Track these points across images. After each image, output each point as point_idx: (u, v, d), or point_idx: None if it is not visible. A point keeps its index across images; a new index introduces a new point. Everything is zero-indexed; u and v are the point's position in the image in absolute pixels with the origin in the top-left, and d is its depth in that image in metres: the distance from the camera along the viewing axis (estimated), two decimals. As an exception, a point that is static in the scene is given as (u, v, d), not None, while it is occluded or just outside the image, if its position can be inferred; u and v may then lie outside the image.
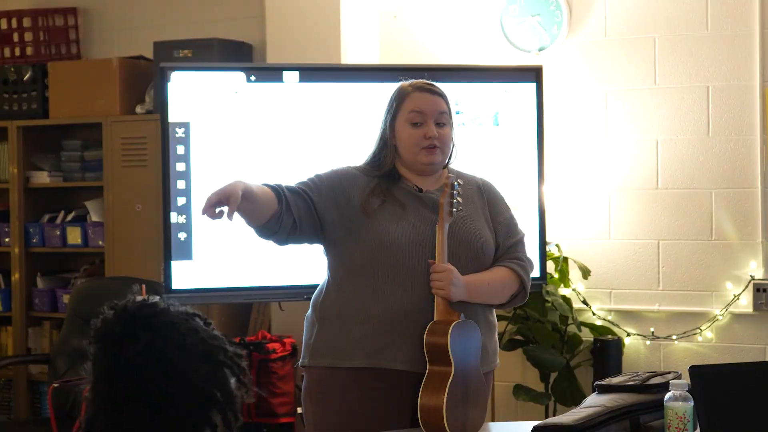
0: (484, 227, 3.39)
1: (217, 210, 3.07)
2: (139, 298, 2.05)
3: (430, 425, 3.12)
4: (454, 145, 3.43)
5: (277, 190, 3.25)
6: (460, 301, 3.23)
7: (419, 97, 3.37)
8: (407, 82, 3.45)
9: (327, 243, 3.36)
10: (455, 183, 3.26)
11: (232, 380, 2.01)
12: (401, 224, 3.27)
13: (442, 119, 3.36)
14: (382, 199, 3.31)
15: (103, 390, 1.95)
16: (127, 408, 1.92)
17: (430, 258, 3.23)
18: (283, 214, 3.23)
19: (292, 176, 3.52)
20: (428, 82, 3.46)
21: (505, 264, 3.38)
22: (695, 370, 2.85)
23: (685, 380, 2.87)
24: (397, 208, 3.30)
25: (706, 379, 2.84)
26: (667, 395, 2.83)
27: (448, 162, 3.45)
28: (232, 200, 3.04)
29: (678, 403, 2.80)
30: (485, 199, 3.46)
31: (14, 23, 6.23)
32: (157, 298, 2.06)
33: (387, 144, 3.39)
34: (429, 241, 3.25)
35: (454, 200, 3.24)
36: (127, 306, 2.02)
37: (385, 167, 3.37)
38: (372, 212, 3.28)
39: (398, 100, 3.39)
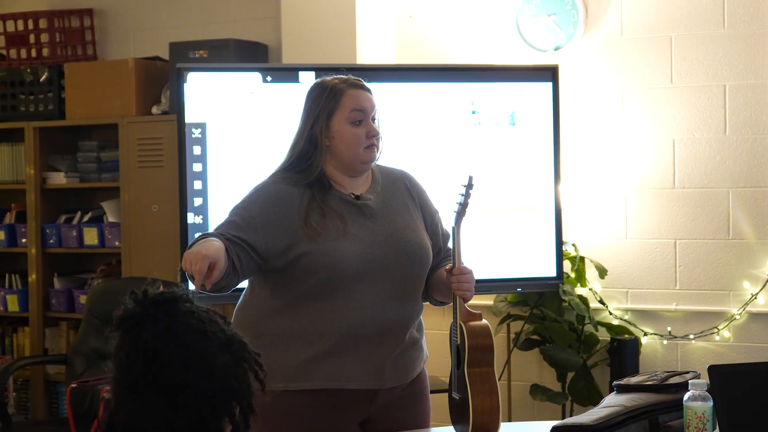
0: (423, 232, 3.31)
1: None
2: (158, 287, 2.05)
3: (485, 426, 3.09)
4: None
5: (224, 245, 3.01)
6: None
7: (358, 95, 3.23)
8: (333, 79, 3.27)
9: (269, 272, 3.19)
10: (470, 177, 3.22)
11: (250, 375, 2.01)
12: (345, 241, 3.13)
13: (375, 115, 3.27)
14: (320, 214, 3.14)
15: (123, 378, 1.95)
16: (146, 396, 1.92)
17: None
18: (231, 273, 3.05)
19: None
20: (356, 78, 3.31)
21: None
22: (714, 370, 2.84)
23: (704, 380, 2.86)
24: (336, 221, 3.14)
25: (726, 379, 2.83)
26: (687, 395, 2.82)
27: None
28: (216, 269, 2.91)
29: (697, 402, 2.79)
30: (414, 198, 3.36)
31: (30, 24, 6.24)
32: (177, 287, 2.06)
33: (317, 146, 3.19)
34: (375, 253, 3.15)
35: (468, 199, 3.21)
36: (147, 291, 2.02)
37: (315, 171, 3.18)
38: (315, 235, 3.11)
39: (333, 99, 3.21)
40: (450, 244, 3.24)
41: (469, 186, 3.21)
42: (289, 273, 3.14)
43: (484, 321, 3.17)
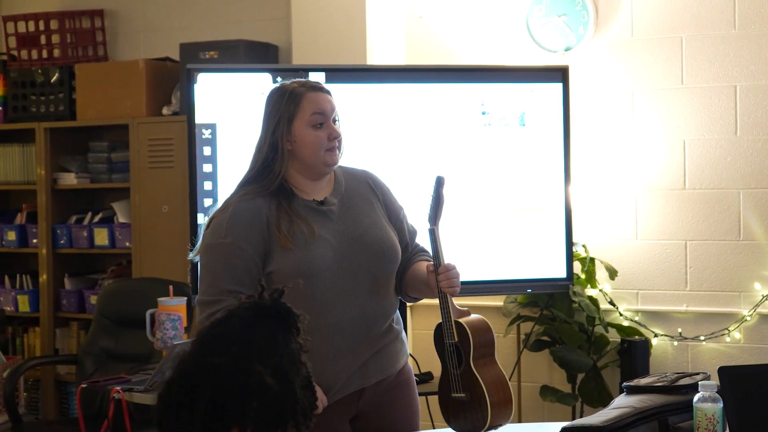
0: (389, 230, 3.32)
1: None
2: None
3: (501, 417, 3.17)
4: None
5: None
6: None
7: (317, 98, 3.21)
8: (292, 83, 3.26)
9: None
10: (438, 177, 3.25)
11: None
12: (314, 247, 3.14)
13: (336, 117, 3.26)
14: (288, 221, 3.14)
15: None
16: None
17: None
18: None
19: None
20: (314, 81, 3.30)
21: (423, 256, 3.42)
22: (725, 371, 2.83)
23: (714, 381, 2.85)
24: (303, 227, 3.14)
25: (736, 380, 2.83)
26: (697, 396, 2.81)
27: None
28: None
29: (707, 404, 2.78)
30: (378, 196, 3.37)
31: (41, 25, 6.26)
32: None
33: (279, 151, 3.20)
34: (345, 254, 3.18)
35: (441, 200, 3.23)
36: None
37: (277, 178, 3.19)
38: (285, 243, 3.11)
39: (293, 103, 3.19)
40: (428, 245, 3.27)
41: (439, 186, 3.22)
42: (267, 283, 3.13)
43: (477, 315, 3.24)
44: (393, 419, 3.33)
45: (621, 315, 5.29)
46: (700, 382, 2.85)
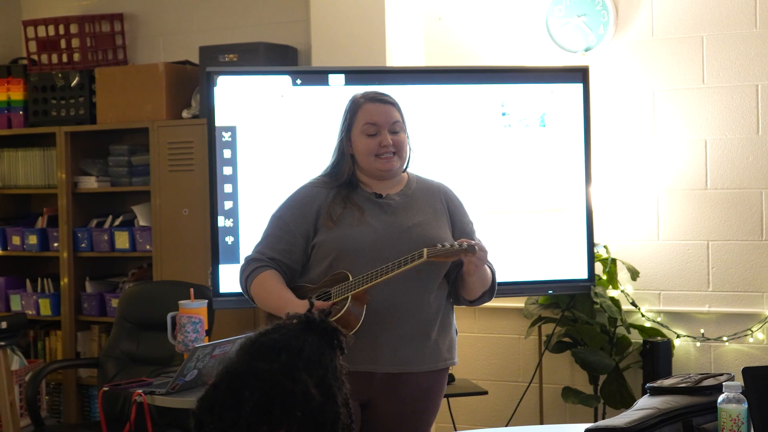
0: (443, 232, 3.51)
1: None
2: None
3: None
4: (411, 150, 3.61)
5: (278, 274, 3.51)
6: (419, 289, 3.43)
7: (372, 109, 3.53)
8: (360, 94, 3.59)
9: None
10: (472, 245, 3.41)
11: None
12: (360, 229, 3.44)
13: (395, 128, 3.54)
14: (342, 206, 3.48)
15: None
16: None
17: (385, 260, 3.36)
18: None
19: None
20: (380, 92, 3.60)
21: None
22: (749, 372, 2.82)
23: (739, 382, 2.83)
24: (356, 212, 3.47)
25: (760, 381, 2.81)
26: (721, 397, 2.80)
27: (406, 167, 3.62)
28: None
29: (732, 404, 2.76)
30: (446, 207, 3.60)
31: (61, 30, 6.28)
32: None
33: (344, 154, 3.55)
34: (387, 243, 3.40)
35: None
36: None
37: (343, 177, 3.54)
38: (333, 223, 3.46)
39: (352, 113, 3.55)
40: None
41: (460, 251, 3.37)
42: (309, 260, 3.52)
43: (361, 314, 3.34)
44: (402, 420, 3.45)
45: (643, 316, 5.27)
46: (724, 383, 2.83)
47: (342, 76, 4.90)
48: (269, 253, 3.52)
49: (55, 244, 6.16)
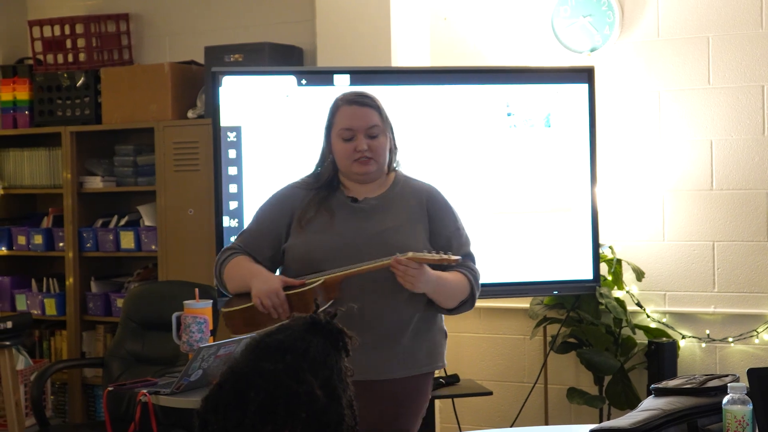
0: (416, 239, 3.43)
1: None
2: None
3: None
4: (396, 150, 3.55)
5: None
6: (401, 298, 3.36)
7: (348, 113, 3.47)
8: (341, 95, 3.55)
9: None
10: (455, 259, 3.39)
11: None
12: (326, 234, 3.41)
13: (372, 132, 3.46)
14: (315, 210, 3.46)
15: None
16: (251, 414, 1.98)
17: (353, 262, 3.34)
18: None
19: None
20: (360, 93, 3.54)
21: (459, 270, 3.47)
22: (754, 373, 2.81)
23: (744, 383, 2.83)
24: (326, 217, 3.44)
25: (766, 382, 2.80)
26: (726, 398, 2.79)
27: (395, 167, 3.56)
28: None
29: (737, 406, 2.76)
30: (427, 212, 3.51)
31: (67, 30, 6.28)
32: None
33: (326, 156, 3.54)
34: (354, 249, 3.36)
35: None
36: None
37: (324, 178, 3.52)
38: (303, 226, 3.45)
39: (331, 115, 3.51)
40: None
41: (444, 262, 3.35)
42: (281, 265, 3.53)
43: (325, 303, 3.29)
44: (372, 423, 3.33)
45: (648, 317, 5.27)
46: (729, 384, 2.82)
47: (347, 77, 4.90)
48: (244, 247, 3.55)
49: (61, 244, 6.17)
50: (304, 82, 4.88)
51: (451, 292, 3.45)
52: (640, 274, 5.17)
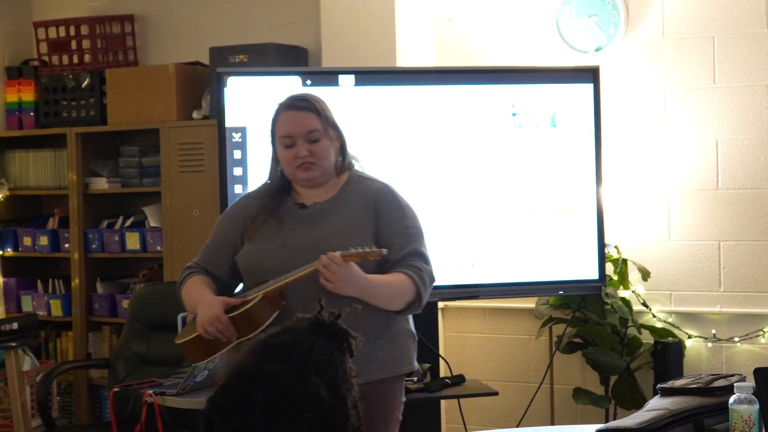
0: (360, 241, 3.31)
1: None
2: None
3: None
4: (344, 150, 3.46)
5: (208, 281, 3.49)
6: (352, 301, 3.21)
7: (286, 120, 3.40)
8: (281, 101, 3.48)
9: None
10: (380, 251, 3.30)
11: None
12: (273, 244, 3.36)
13: (313, 136, 3.37)
14: (264, 219, 3.41)
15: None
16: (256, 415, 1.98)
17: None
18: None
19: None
20: (298, 97, 3.47)
21: (401, 270, 3.33)
22: (760, 373, 2.80)
23: (750, 383, 2.82)
24: (273, 226, 3.39)
25: (772, 382, 2.80)
26: (732, 398, 2.78)
27: (351, 167, 3.48)
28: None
29: (743, 405, 2.75)
30: (374, 211, 3.39)
31: (72, 31, 6.29)
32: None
33: (275, 164, 3.49)
34: (297, 257, 3.27)
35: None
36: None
37: (275, 186, 3.47)
38: (250, 236, 3.41)
39: (274, 123, 3.45)
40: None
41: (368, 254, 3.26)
42: (232, 276, 3.49)
43: (269, 315, 3.25)
44: None
45: (654, 316, 5.26)
46: (735, 384, 2.82)
47: (352, 77, 4.90)
48: (202, 264, 3.53)
49: (66, 245, 6.17)
50: (309, 82, 4.88)
51: (388, 293, 3.30)
52: (645, 274, 5.16)
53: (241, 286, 3.51)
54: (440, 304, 5.36)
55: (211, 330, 3.27)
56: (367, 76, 4.98)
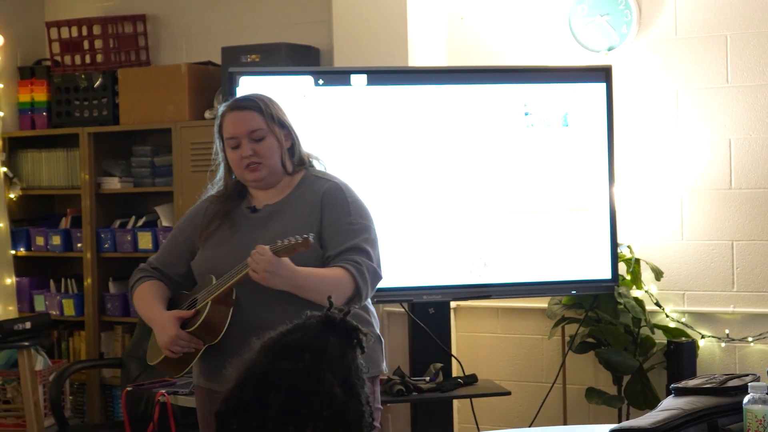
0: None
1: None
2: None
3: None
4: (294, 146, 3.43)
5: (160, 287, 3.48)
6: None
7: (229, 120, 3.37)
8: (227, 102, 3.47)
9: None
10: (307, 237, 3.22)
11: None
12: (223, 249, 3.34)
13: (256, 135, 3.34)
14: (218, 224, 3.40)
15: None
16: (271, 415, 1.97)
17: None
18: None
19: (361, 179, 3.50)
20: (241, 97, 3.47)
21: (339, 264, 3.26)
22: (775, 373, 2.80)
23: (764, 382, 2.82)
24: (227, 231, 3.37)
25: (786, 382, 2.79)
26: (746, 398, 2.78)
27: (304, 165, 3.44)
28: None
29: (757, 405, 2.75)
30: (321, 208, 3.34)
31: (84, 31, 6.30)
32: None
33: (225, 167, 3.46)
34: (243, 260, 3.21)
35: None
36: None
37: (230, 189, 3.44)
38: (203, 241, 3.40)
39: (220, 126, 3.42)
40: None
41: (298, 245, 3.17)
42: (188, 278, 3.48)
43: (226, 317, 3.24)
44: None
45: (667, 316, 5.25)
46: (749, 384, 2.81)
47: (364, 77, 4.89)
48: (155, 263, 3.51)
49: (79, 245, 6.19)
50: (321, 82, 4.88)
51: (323, 287, 3.16)
52: (658, 274, 5.15)
53: None
54: (453, 304, 5.35)
55: (176, 350, 3.29)
56: (379, 75, 4.97)
